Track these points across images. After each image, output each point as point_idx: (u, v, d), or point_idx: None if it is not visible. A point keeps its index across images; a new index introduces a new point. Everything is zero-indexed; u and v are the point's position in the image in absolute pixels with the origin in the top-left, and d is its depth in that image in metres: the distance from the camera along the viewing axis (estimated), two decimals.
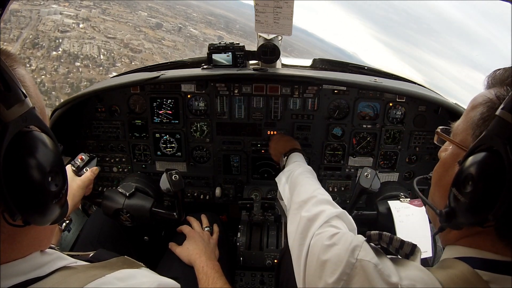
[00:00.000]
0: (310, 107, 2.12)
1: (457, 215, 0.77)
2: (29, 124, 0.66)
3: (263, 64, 2.05)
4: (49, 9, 29.56)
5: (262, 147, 2.24)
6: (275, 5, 1.63)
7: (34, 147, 0.65)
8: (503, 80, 0.81)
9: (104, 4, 35.93)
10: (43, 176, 0.65)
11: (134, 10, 37.56)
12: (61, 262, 0.80)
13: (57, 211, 0.71)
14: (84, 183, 1.78)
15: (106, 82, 2.19)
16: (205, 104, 2.16)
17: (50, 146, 0.69)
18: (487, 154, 0.71)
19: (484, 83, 0.87)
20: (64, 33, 30.62)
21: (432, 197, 0.97)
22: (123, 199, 1.78)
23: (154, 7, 40.97)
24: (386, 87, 1.95)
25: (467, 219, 0.75)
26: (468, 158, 0.74)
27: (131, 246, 1.93)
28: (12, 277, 0.69)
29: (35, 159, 0.64)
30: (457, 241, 0.87)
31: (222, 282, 1.56)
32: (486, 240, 0.79)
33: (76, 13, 32.66)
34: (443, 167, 0.92)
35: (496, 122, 0.71)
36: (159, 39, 36.87)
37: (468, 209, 0.73)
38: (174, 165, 2.31)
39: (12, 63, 0.71)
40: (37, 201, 0.66)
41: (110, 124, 2.21)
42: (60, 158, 0.71)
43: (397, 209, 1.78)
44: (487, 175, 0.70)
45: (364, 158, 2.23)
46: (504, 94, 0.77)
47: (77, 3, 33.43)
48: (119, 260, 0.99)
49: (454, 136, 0.90)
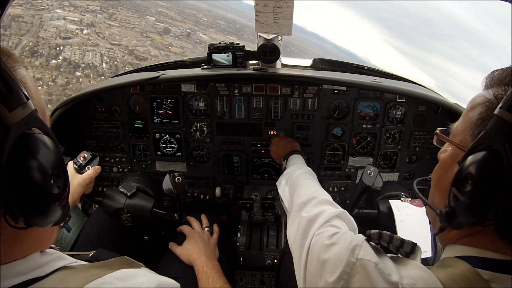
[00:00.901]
0: (310, 107, 2.12)
1: (457, 214, 0.77)
2: (32, 126, 0.66)
3: (263, 64, 2.05)
4: (52, 15, 28.03)
5: (262, 147, 2.24)
6: (275, 5, 1.63)
7: (36, 149, 0.65)
8: (501, 80, 0.81)
9: (112, 8, 34.47)
10: (45, 179, 0.65)
11: (142, 15, 35.90)
12: (61, 262, 0.80)
13: (58, 213, 0.71)
14: (85, 180, 1.77)
15: (106, 82, 2.19)
16: (205, 104, 2.16)
17: (52, 148, 0.69)
18: (486, 153, 0.71)
19: (482, 84, 0.87)
20: (66, 39, 28.92)
21: (432, 198, 0.97)
22: (124, 198, 1.78)
23: (163, 12, 39.21)
24: (386, 87, 1.95)
25: (468, 218, 0.75)
26: (468, 157, 0.75)
27: (131, 246, 1.93)
28: (12, 278, 0.69)
29: (38, 161, 0.64)
30: (457, 241, 0.87)
31: (222, 282, 1.55)
32: (486, 239, 0.79)
33: (81, 18, 30.92)
34: (443, 167, 0.92)
35: (494, 121, 0.71)
36: (167, 45, 35.78)
37: (468, 208, 0.73)
38: (174, 165, 2.31)
39: (14, 63, 0.70)
40: (39, 204, 0.65)
41: (110, 124, 2.21)
42: (62, 161, 0.71)
43: (398, 208, 1.78)
44: (487, 174, 0.70)
45: (364, 158, 2.23)
46: (502, 93, 0.78)
47: (83, 8, 31.99)
48: (119, 260, 0.99)
49: (453, 137, 0.90)
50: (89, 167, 1.86)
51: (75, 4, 31.91)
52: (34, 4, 28.77)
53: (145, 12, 36.73)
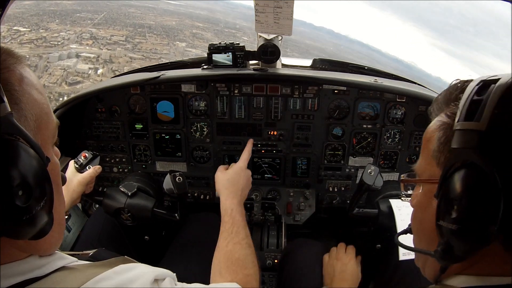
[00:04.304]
0: (310, 107, 2.12)
1: (455, 246, 0.70)
2: (3, 131, 0.59)
3: (263, 64, 2.05)
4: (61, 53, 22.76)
5: (262, 147, 2.24)
6: (275, 5, 1.63)
7: (3, 156, 0.58)
8: (447, 99, 0.81)
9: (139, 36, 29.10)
10: (9, 189, 0.58)
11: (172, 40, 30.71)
12: (61, 262, 0.80)
13: (30, 227, 0.64)
14: (85, 179, 1.77)
15: (106, 82, 2.19)
16: (205, 104, 2.16)
17: (26, 156, 0.61)
18: (462, 170, 0.67)
19: (430, 115, 0.86)
20: (73, 85, 22.95)
21: (417, 247, 0.92)
22: (125, 198, 1.78)
23: (198, 34, 33.68)
24: (386, 87, 1.96)
25: (468, 243, 0.69)
26: (443, 184, 0.71)
27: (132, 246, 1.93)
28: (10, 277, 0.68)
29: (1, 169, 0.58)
30: (464, 271, 0.78)
31: (244, 233, 1.47)
32: (493, 263, 0.72)
33: (99, 53, 25.05)
34: (420, 210, 0.88)
35: (457, 136, 0.69)
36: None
37: (465, 232, 0.67)
38: (174, 165, 2.31)
39: (14, 62, 0.68)
40: (3, 216, 0.59)
41: (110, 124, 2.21)
42: (38, 170, 0.63)
43: (398, 207, 1.78)
44: (470, 188, 0.66)
45: (364, 158, 2.23)
46: (455, 108, 0.75)
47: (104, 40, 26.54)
48: (119, 259, 0.99)
49: (420, 176, 0.87)
50: (90, 167, 1.86)
51: (97, 36, 26.91)
52: (47, 39, 24.87)
53: (177, 36, 31.99)
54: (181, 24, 35.58)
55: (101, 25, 30.05)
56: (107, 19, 31.49)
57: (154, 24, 32.99)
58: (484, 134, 0.65)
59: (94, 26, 29.23)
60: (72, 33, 27.02)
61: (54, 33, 25.83)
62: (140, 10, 37.50)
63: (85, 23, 30.11)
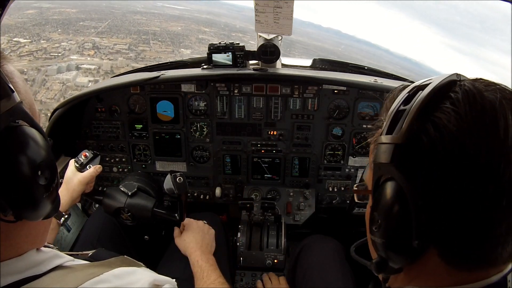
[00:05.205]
0: (310, 107, 2.12)
1: (387, 258, 0.69)
2: (17, 118, 0.65)
3: (263, 64, 2.05)
4: (60, 66, 21.88)
5: (262, 147, 2.24)
6: (275, 5, 1.64)
7: (22, 141, 0.64)
8: (384, 109, 0.80)
9: (142, 44, 28.16)
10: (33, 170, 0.64)
11: (177, 47, 29.60)
12: (57, 261, 0.79)
13: (48, 205, 0.71)
14: (86, 178, 1.76)
15: (106, 82, 2.19)
16: (205, 104, 2.16)
17: (39, 140, 0.68)
18: (381, 184, 0.68)
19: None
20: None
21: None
22: (125, 198, 1.78)
23: (204, 39, 31.98)
24: (386, 87, 1.95)
25: (397, 256, 0.68)
26: (373, 197, 0.71)
27: (132, 246, 1.93)
28: (7, 276, 0.67)
29: (24, 153, 0.64)
30: (410, 283, 0.75)
31: (215, 275, 1.56)
32: (438, 276, 0.69)
33: (100, 63, 24.10)
34: (367, 219, 0.84)
35: (378, 149, 0.68)
36: None
37: (390, 246, 0.67)
38: (174, 165, 2.31)
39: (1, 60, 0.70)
40: (27, 195, 0.65)
41: (110, 124, 2.21)
42: (49, 152, 0.70)
43: None
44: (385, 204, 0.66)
45: (364, 158, 2.23)
46: (382, 121, 0.74)
47: (107, 50, 25.67)
48: (119, 259, 0.99)
49: (368, 186, 0.86)
50: (90, 166, 1.86)
51: (99, 45, 26.46)
52: (48, 50, 24.35)
53: (182, 43, 31.02)
54: (187, 29, 34.40)
55: (104, 33, 29.36)
56: (111, 27, 30.79)
57: (159, 31, 32.07)
58: (399, 148, 0.64)
59: (97, 35, 28.63)
60: (74, 43, 26.56)
61: (55, 43, 25.21)
62: (145, 17, 36.48)
63: (88, 32, 29.37)
